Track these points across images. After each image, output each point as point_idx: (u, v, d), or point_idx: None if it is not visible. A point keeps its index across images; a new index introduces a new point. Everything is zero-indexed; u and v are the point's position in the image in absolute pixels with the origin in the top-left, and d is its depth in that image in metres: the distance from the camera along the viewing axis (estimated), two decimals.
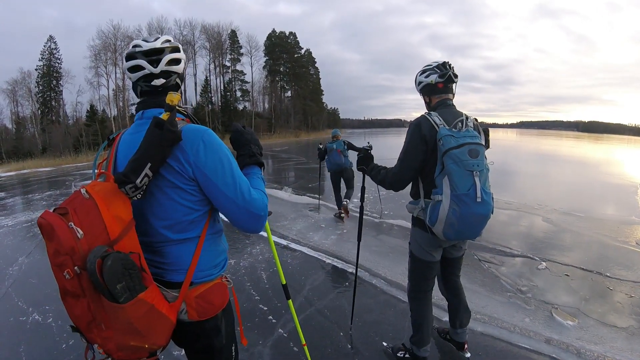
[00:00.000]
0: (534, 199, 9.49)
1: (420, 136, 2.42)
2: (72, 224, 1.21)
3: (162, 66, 1.53)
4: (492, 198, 2.38)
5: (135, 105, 1.62)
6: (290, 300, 2.66)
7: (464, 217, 2.29)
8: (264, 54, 70.08)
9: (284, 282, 2.64)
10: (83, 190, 1.28)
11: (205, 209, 1.54)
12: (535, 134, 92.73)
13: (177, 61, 1.59)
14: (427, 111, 2.62)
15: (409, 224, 4.09)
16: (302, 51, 76.61)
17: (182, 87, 1.61)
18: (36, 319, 4.04)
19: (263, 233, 6.40)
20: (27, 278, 5.23)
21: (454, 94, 2.66)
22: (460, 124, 2.39)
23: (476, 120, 2.55)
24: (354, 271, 3.65)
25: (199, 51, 58.26)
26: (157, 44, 1.54)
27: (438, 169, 2.37)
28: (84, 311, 1.25)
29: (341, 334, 3.51)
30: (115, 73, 50.71)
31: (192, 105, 55.82)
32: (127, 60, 1.54)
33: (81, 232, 1.21)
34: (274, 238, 6.26)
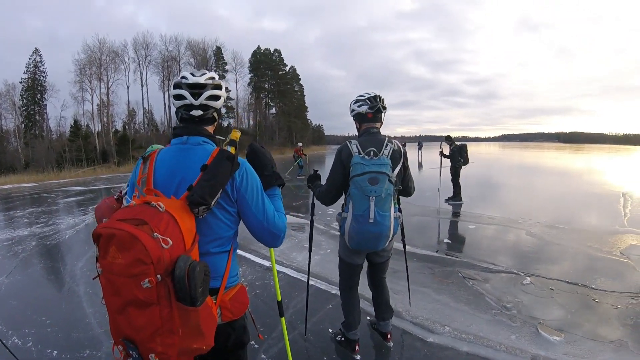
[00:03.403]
0: (517, 212, 9.54)
1: (340, 161, 2.92)
2: (157, 234, 1.30)
3: (201, 100, 1.72)
4: (391, 218, 2.78)
5: (175, 129, 1.81)
6: (283, 318, 2.78)
7: (360, 233, 2.78)
8: (249, 71, 70.91)
9: (280, 299, 2.75)
10: (161, 205, 1.40)
11: (237, 227, 1.79)
12: (517, 147, 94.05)
13: (216, 97, 1.78)
14: (350, 139, 3.02)
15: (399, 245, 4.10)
16: (287, 68, 77.57)
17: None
18: (15, 342, 3.91)
19: (245, 254, 6.39)
20: (7, 299, 5.07)
21: (382, 122, 3.11)
22: (372, 152, 2.81)
23: (400, 145, 3.00)
24: (336, 292, 3.64)
25: (184, 67, 58.05)
26: (201, 80, 1.73)
27: (348, 190, 2.85)
28: (153, 319, 1.30)
29: (325, 358, 3.43)
30: (100, 88, 50.97)
31: (177, 122, 56.34)
32: (174, 89, 1.75)
33: (170, 242, 1.31)
34: (257, 259, 6.20)
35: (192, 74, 1.76)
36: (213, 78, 1.79)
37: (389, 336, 3.54)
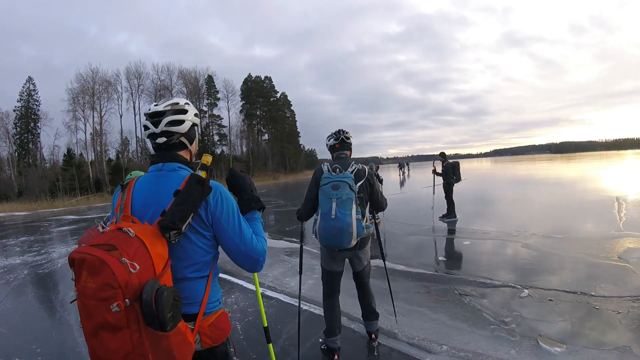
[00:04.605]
0: (512, 226, 9.51)
1: (315, 178, 3.56)
2: (125, 259, 1.31)
3: (161, 127, 1.74)
4: (352, 218, 3.24)
5: (152, 157, 1.83)
6: (270, 344, 2.76)
7: (325, 229, 3.29)
8: (240, 98, 71.86)
9: (266, 325, 2.77)
10: (131, 231, 1.42)
11: (215, 252, 1.78)
12: (509, 160, 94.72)
13: (177, 122, 1.77)
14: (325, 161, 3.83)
15: (387, 263, 4.28)
16: (278, 95, 78.88)
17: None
18: None
19: (237, 280, 6.28)
20: None
21: (350, 151, 3.86)
22: (337, 169, 3.49)
23: (365, 166, 3.63)
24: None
25: (177, 96, 58.26)
26: (160, 108, 1.76)
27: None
28: (124, 343, 1.31)
29: None
30: (93, 117, 51.11)
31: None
32: (143, 121, 1.82)
33: (138, 266, 1.33)
34: (250, 286, 6.08)
35: (156, 105, 1.79)
36: (176, 104, 1.80)
37: (373, 335, 3.94)
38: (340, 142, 3.78)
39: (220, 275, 6.89)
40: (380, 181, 11.94)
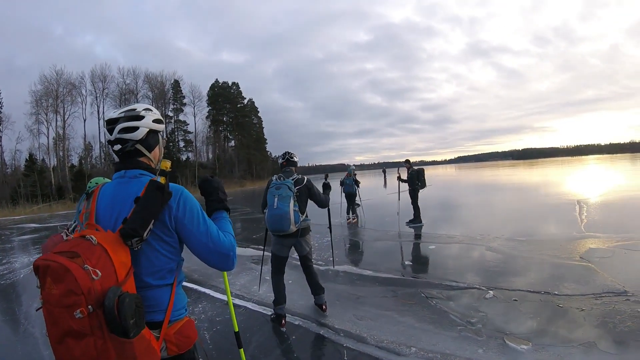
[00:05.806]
0: (477, 230, 9.67)
1: (267, 185, 4.53)
2: (88, 266, 1.32)
3: (115, 134, 1.71)
4: (289, 209, 4.18)
5: (115, 164, 1.81)
6: (242, 350, 2.77)
7: (270, 217, 4.25)
8: (207, 104, 71.15)
9: (237, 330, 2.77)
10: (93, 239, 1.42)
11: (179, 259, 1.77)
12: (473, 167, 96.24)
13: (131, 129, 1.73)
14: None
15: (355, 269, 4.40)
16: (245, 101, 78.48)
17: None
18: None
19: (205, 289, 6.18)
20: None
21: (295, 166, 4.84)
22: (282, 177, 4.49)
23: (304, 177, 4.63)
24: (299, 322, 3.63)
25: (142, 100, 56.86)
26: (114, 115, 1.73)
27: None
28: (88, 350, 1.31)
29: None
30: (56, 121, 49.56)
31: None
32: None
33: (100, 273, 1.33)
34: (217, 294, 5.96)
35: (114, 112, 1.76)
36: (132, 110, 1.77)
37: (324, 307, 4.85)
38: (286, 161, 4.81)
39: (188, 284, 6.88)
40: (357, 184, 13.32)
